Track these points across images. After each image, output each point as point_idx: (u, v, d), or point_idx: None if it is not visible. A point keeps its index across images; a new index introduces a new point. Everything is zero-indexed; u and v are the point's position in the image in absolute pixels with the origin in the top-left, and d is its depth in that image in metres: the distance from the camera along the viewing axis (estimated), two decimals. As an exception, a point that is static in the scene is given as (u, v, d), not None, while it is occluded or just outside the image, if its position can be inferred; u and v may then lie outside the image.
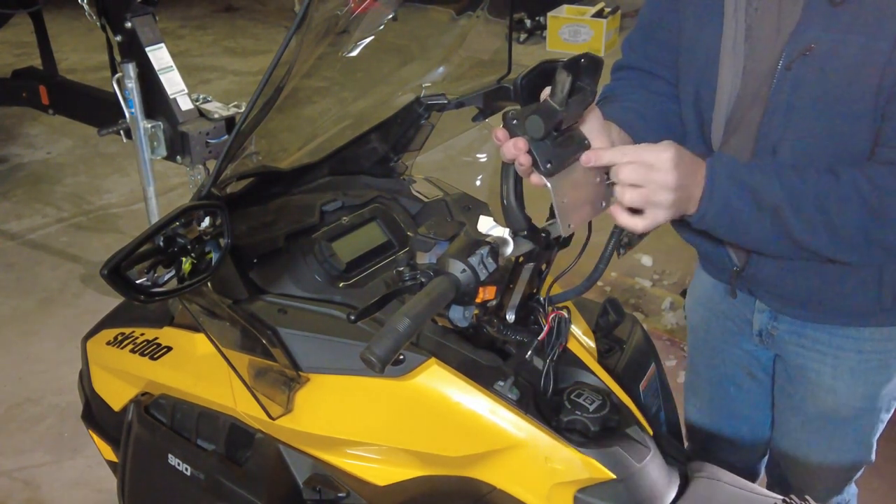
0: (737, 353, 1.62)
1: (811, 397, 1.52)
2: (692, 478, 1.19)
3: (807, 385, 1.51)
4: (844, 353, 1.44)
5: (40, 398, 2.96)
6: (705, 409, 1.78)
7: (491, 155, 1.70)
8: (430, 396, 1.19)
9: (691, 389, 1.81)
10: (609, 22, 6.75)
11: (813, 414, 1.54)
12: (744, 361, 1.63)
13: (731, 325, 1.60)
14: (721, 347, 1.65)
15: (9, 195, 4.51)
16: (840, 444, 1.56)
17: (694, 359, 1.77)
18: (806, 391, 1.52)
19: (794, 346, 1.49)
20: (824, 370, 1.47)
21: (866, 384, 1.46)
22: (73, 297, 3.58)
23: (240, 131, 1.29)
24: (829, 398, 1.49)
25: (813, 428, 1.56)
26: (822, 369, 1.47)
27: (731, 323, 1.59)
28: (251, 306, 1.31)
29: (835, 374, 1.46)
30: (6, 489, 2.56)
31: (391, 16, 1.60)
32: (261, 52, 6.92)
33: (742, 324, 1.57)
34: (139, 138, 2.98)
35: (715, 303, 1.62)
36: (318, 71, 1.52)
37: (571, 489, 1.13)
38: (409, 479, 1.26)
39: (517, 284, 1.19)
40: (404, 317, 0.98)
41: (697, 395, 1.79)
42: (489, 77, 1.61)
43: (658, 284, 3.64)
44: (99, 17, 3.03)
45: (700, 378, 1.76)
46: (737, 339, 1.60)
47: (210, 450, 1.41)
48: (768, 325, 1.51)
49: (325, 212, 1.50)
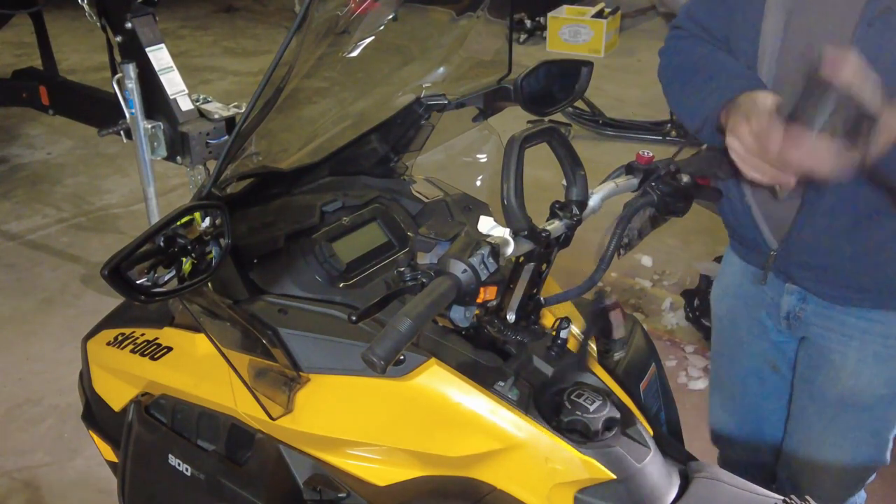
0: (762, 346, 1.64)
1: (833, 381, 1.52)
2: (692, 478, 1.19)
3: (829, 368, 1.52)
4: (870, 338, 1.45)
5: (40, 399, 2.96)
6: (728, 405, 1.79)
7: (491, 155, 1.71)
8: (430, 397, 1.20)
9: (716, 386, 1.82)
10: (609, 22, 6.75)
11: (832, 399, 1.53)
12: (769, 353, 1.64)
13: (757, 313, 1.61)
14: (746, 339, 1.66)
15: (9, 195, 4.51)
16: (856, 435, 1.56)
17: (718, 354, 1.78)
18: (828, 374, 1.52)
19: (820, 328, 1.50)
20: (849, 353, 1.48)
21: (890, 370, 1.47)
22: (73, 297, 3.58)
23: (240, 132, 1.29)
24: (850, 381, 1.49)
25: (829, 416, 1.56)
26: (847, 352, 1.48)
27: (758, 310, 1.60)
28: (251, 306, 1.31)
29: (859, 357, 1.47)
30: (6, 489, 2.56)
31: (391, 16, 1.60)
32: (261, 52, 6.92)
33: (770, 308, 1.58)
34: (139, 139, 2.98)
35: (743, 289, 1.62)
36: (319, 71, 1.52)
37: (572, 489, 1.13)
38: (410, 479, 1.26)
39: (517, 284, 1.19)
40: (405, 317, 0.98)
41: (721, 392, 1.80)
42: (489, 77, 1.61)
43: (658, 285, 3.64)
44: (99, 17, 3.03)
45: (723, 373, 1.77)
46: (763, 330, 1.62)
47: (210, 450, 1.41)
48: (796, 308, 1.52)
49: (326, 212, 1.50)
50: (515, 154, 1.11)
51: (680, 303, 3.39)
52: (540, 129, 1.16)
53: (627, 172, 1.31)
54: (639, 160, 1.30)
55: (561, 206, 1.21)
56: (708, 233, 3.87)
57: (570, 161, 1.21)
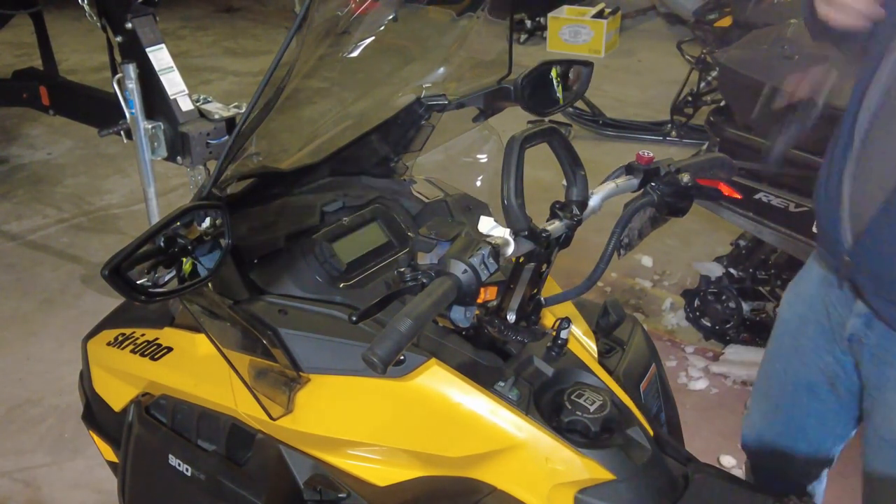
0: (825, 359, 1.59)
1: (888, 422, 1.47)
2: (692, 478, 1.19)
3: (884, 408, 1.47)
4: None
5: (41, 399, 2.96)
6: (770, 414, 1.74)
7: (491, 155, 1.71)
8: (430, 397, 1.20)
9: (761, 393, 1.77)
10: (609, 23, 6.76)
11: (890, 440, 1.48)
12: (830, 369, 1.59)
13: (825, 325, 1.56)
14: (810, 349, 1.61)
15: (9, 196, 4.51)
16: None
17: (773, 359, 1.73)
18: (885, 414, 1.47)
19: (878, 361, 1.46)
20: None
21: None
22: (73, 297, 3.58)
23: (240, 132, 1.29)
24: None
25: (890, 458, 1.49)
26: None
27: (827, 323, 1.56)
28: (252, 307, 1.31)
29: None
30: (6, 490, 2.56)
31: (392, 16, 1.60)
32: (261, 52, 6.92)
33: (837, 324, 1.53)
34: (139, 139, 2.97)
35: (817, 298, 1.58)
36: (319, 72, 1.52)
37: (572, 490, 1.13)
38: (410, 479, 1.26)
39: (518, 285, 1.19)
40: (406, 317, 0.98)
41: (766, 400, 1.74)
42: (490, 78, 1.61)
43: (658, 285, 3.64)
44: (99, 17, 3.03)
45: (774, 381, 1.71)
46: (828, 344, 1.57)
47: (210, 450, 1.41)
48: (861, 332, 1.48)
49: (326, 212, 1.50)
50: (515, 154, 1.11)
51: (680, 303, 3.39)
52: (540, 129, 1.17)
53: (628, 173, 1.31)
54: (639, 160, 1.30)
55: (561, 207, 1.21)
56: (708, 233, 3.87)
57: (570, 161, 1.21)
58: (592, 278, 1.22)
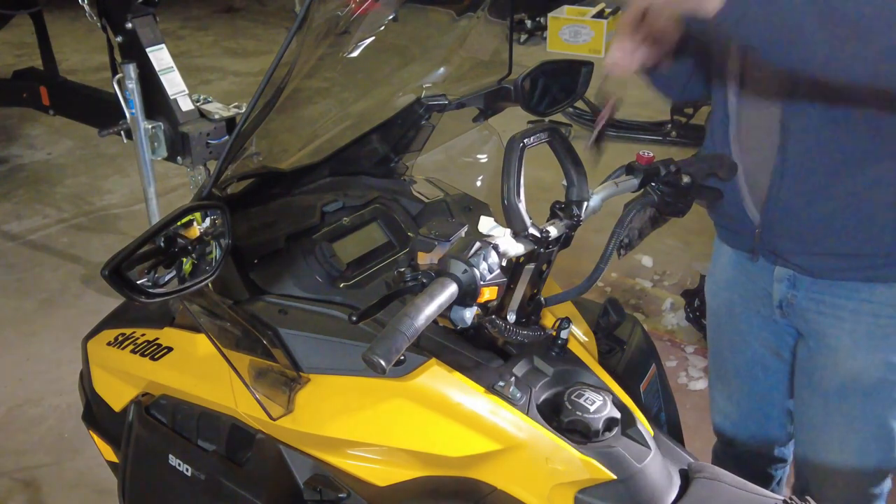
0: (762, 334, 1.65)
1: (831, 368, 1.53)
2: (692, 478, 1.19)
3: (827, 354, 1.53)
4: (862, 318, 1.46)
5: (41, 399, 2.97)
6: (734, 396, 1.79)
7: (491, 155, 1.71)
8: (430, 397, 1.20)
9: (718, 380, 1.83)
10: (610, 23, 6.76)
11: (833, 388, 1.54)
12: (770, 341, 1.65)
13: (752, 302, 1.62)
14: (746, 329, 1.67)
15: (9, 196, 4.52)
16: (861, 427, 1.55)
17: (717, 348, 1.79)
18: (826, 362, 1.53)
19: (813, 313, 1.52)
20: (843, 336, 1.49)
21: (885, 350, 1.48)
22: (73, 297, 3.59)
23: (240, 132, 1.29)
24: (848, 364, 1.50)
25: (832, 407, 1.56)
26: (841, 335, 1.49)
27: (753, 300, 1.62)
28: (252, 307, 1.31)
29: (854, 338, 1.48)
30: (7, 490, 2.57)
31: (392, 17, 1.60)
32: (261, 52, 6.93)
33: (763, 297, 1.59)
34: (140, 139, 2.98)
35: (735, 280, 1.65)
36: (319, 72, 1.52)
37: (572, 490, 1.13)
38: (410, 479, 1.26)
39: (518, 285, 1.19)
40: (407, 318, 0.98)
41: (726, 385, 1.80)
42: (490, 78, 1.62)
43: (658, 285, 3.64)
44: (99, 17, 3.04)
45: (726, 365, 1.78)
46: (761, 318, 1.63)
47: (211, 450, 1.41)
48: (787, 294, 1.53)
49: (326, 212, 1.50)
50: (516, 154, 1.11)
51: (680, 303, 3.39)
52: (540, 129, 1.17)
53: (628, 173, 1.31)
54: (639, 160, 1.30)
55: (561, 207, 1.21)
56: (708, 233, 3.84)
57: (570, 161, 1.21)
58: (592, 278, 1.22)
